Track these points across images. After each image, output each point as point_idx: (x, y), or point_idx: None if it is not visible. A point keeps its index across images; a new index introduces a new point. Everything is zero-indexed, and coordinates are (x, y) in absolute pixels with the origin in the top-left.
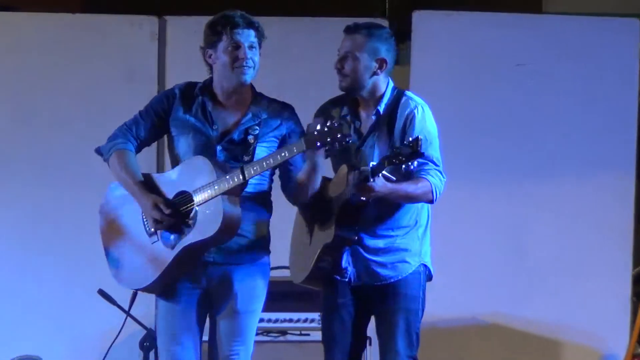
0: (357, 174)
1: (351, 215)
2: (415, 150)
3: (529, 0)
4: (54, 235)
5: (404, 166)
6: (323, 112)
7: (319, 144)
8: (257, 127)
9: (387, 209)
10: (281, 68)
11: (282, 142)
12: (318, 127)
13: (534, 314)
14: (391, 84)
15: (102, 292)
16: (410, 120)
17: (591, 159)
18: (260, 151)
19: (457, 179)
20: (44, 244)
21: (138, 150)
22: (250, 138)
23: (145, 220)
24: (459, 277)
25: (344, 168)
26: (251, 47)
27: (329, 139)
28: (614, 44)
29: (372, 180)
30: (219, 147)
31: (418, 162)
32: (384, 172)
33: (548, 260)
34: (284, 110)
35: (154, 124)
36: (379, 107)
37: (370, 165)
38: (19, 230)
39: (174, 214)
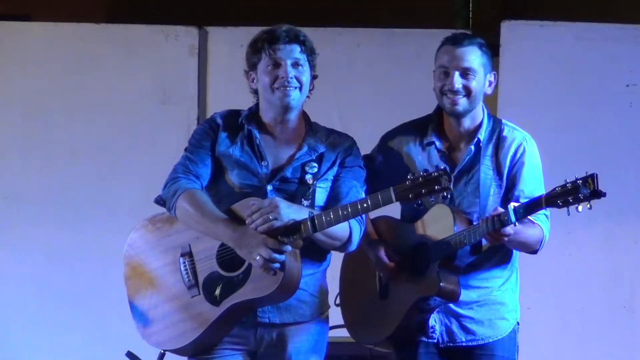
0: (494, 219)
1: (455, 263)
2: (594, 190)
3: None
4: (72, 285)
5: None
6: (393, 138)
7: (411, 196)
8: (315, 164)
9: (484, 255)
10: (347, 87)
11: (335, 182)
12: (411, 177)
13: None
14: (485, 110)
15: (131, 355)
16: (520, 154)
17: None
18: (320, 194)
19: (550, 220)
20: (60, 296)
21: None
22: (309, 178)
23: (185, 268)
24: (555, 337)
25: (442, 208)
26: (296, 64)
27: (424, 191)
28: None
29: (514, 224)
30: (269, 187)
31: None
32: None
33: None
34: (344, 142)
35: (207, 160)
36: (479, 136)
37: (512, 207)
38: (31, 279)
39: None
